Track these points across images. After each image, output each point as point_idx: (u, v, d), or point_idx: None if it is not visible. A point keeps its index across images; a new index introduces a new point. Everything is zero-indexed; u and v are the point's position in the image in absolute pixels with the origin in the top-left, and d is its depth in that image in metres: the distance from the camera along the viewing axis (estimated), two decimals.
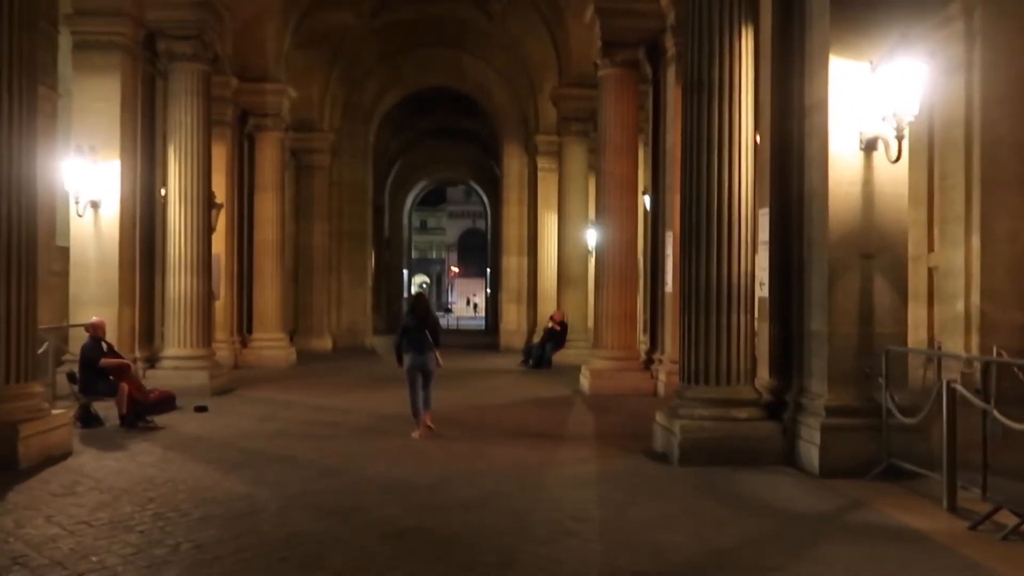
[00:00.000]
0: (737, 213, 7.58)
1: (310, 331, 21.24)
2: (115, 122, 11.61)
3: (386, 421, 9.75)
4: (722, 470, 6.98)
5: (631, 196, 12.89)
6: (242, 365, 16.62)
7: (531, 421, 10.09)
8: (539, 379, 15.00)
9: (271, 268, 17.45)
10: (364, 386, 13.49)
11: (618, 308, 12.70)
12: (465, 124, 29.99)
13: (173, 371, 11.96)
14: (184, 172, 12.22)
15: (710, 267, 7.57)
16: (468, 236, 63.34)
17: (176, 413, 10.20)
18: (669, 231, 12.38)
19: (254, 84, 16.91)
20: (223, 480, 6.62)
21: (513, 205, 22.41)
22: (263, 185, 17.43)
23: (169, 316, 12.27)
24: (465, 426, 9.57)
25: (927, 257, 12.13)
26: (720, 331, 7.51)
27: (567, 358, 17.40)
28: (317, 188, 21.59)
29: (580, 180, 18.19)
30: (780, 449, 7.33)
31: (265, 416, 10.17)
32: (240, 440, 8.43)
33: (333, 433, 8.93)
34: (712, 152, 7.56)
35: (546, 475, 7.03)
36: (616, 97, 12.79)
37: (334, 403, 11.40)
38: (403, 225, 39.76)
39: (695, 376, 7.61)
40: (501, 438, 8.72)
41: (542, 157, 21.13)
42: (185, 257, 12.19)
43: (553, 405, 11.53)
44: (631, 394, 12.27)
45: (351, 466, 7.19)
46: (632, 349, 12.85)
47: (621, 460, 7.60)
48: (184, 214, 12.21)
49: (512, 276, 22.29)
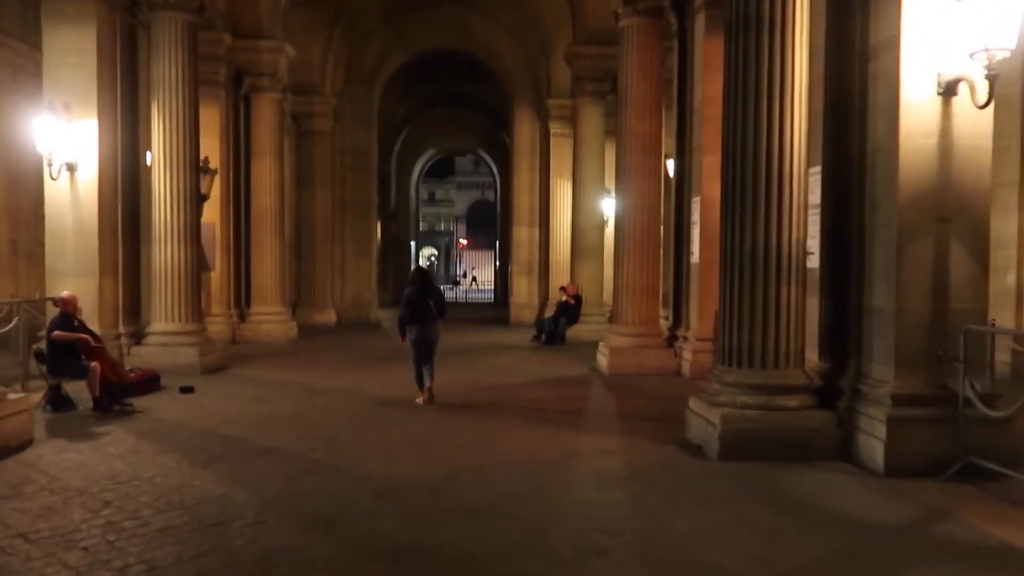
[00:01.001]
0: (789, 170, 6.56)
1: (312, 304, 20.37)
2: (91, 77, 10.62)
3: (386, 406, 8.86)
4: (769, 466, 6.06)
5: (655, 157, 11.83)
6: (240, 340, 15.79)
7: (546, 404, 9.17)
8: (553, 356, 14.08)
9: (269, 238, 16.51)
10: (366, 364, 12.61)
11: (639, 280, 11.72)
12: (473, 90, 28.83)
13: (160, 348, 11.09)
14: (169, 132, 11.22)
15: (756, 232, 6.57)
16: (477, 207, 62.20)
17: (159, 394, 9.39)
18: (696, 196, 11.36)
19: (248, 41, 15.85)
20: (196, 477, 5.74)
21: (524, 173, 21.36)
22: (260, 150, 16.42)
23: (155, 289, 11.35)
24: (473, 409, 8.67)
25: None
26: (767, 306, 6.53)
27: (581, 333, 16.50)
28: (319, 155, 20.57)
29: (596, 144, 17.10)
30: (834, 442, 6.38)
31: (256, 397, 9.31)
32: (224, 426, 7.56)
33: (327, 419, 8.04)
34: (760, 100, 6.52)
35: (567, 472, 6.12)
36: (639, 48, 11.68)
37: (332, 383, 10.52)
38: (410, 196, 38.70)
39: (736, 357, 6.65)
40: (514, 424, 7.80)
41: (554, 122, 20.07)
42: (171, 225, 11.25)
43: (569, 385, 10.62)
44: (653, 373, 11.35)
45: (344, 460, 6.30)
46: (654, 325, 11.89)
47: (652, 452, 6.68)
48: (170, 178, 11.23)
49: (523, 248, 21.30)
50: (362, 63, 21.63)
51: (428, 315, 8.78)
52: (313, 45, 20.28)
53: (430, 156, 41.28)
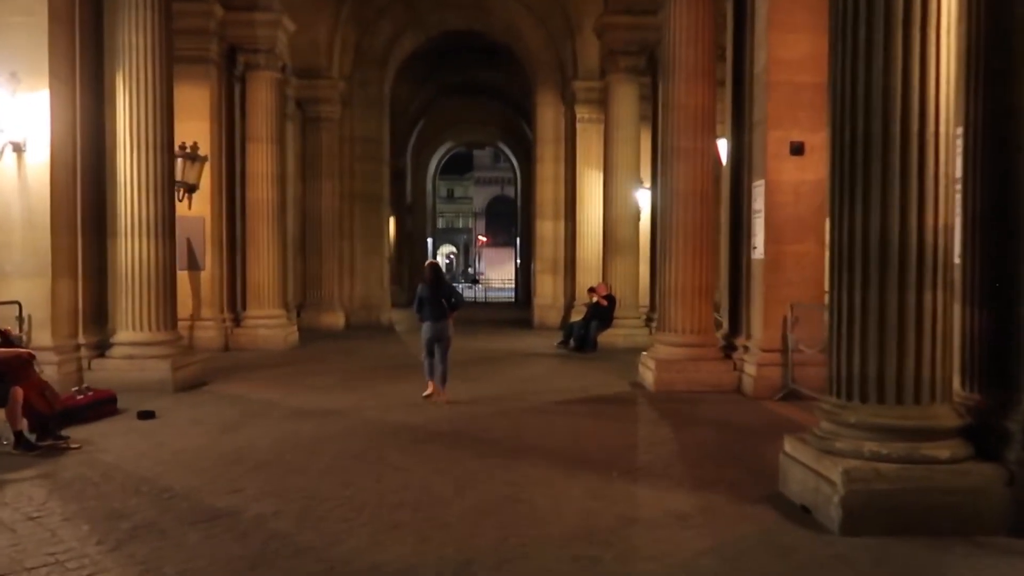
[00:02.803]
0: (932, 129, 4.72)
1: (319, 305, 18.73)
2: (42, 40, 8.96)
3: (387, 437, 7.11)
4: (919, 546, 4.25)
5: (707, 135, 10.00)
6: (234, 347, 14.15)
7: (586, 437, 7.37)
8: (585, 366, 12.29)
9: (267, 233, 14.84)
10: (370, 376, 10.90)
11: (690, 280, 9.90)
12: (492, 78, 27.18)
13: (126, 361, 9.42)
14: (137, 107, 9.53)
15: (887, 216, 4.72)
16: (496, 203, 60.49)
17: (112, 420, 7.74)
18: (759, 180, 9.52)
19: (242, 14, 14.21)
20: (97, 570, 4.00)
21: (548, 163, 19.55)
22: (256, 135, 14.75)
23: (120, 292, 9.67)
24: (495, 445, 6.89)
25: None
26: (904, 317, 4.69)
27: (614, 339, 14.72)
28: (325, 143, 18.91)
29: (630, 127, 15.25)
30: (1005, 509, 4.54)
31: (229, 424, 7.60)
32: (172, 472, 5.84)
33: (307, 460, 6.28)
34: (893, 28, 4.69)
35: (633, 558, 4.30)
36: (688, 6, 9.85)
37: (327, 403, 8.79)
38: (427, 191, 37.01)
39: (859, 388, 4.81)
40: (549, 470, 6.00)
41: (581, 106, 18.27)
42: (139, 216, 9.57)
43: (611, 408, 8.82)
44: (708, 391, 9.54)
45: (315, 535, 4.52)
46: (708, 333, 10.05)
47: (741, 518, 4.87)
48: (137, 161, 9.55)
49: (547, 243, 19.50)
50: (372, 45, 19.93)
51: (440, 312, 8.77)
52: (319, 24, 18.64)
53: (447, 149, 39.58)
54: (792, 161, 9.34)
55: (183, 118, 13.77)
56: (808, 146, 9.29)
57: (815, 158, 9.32)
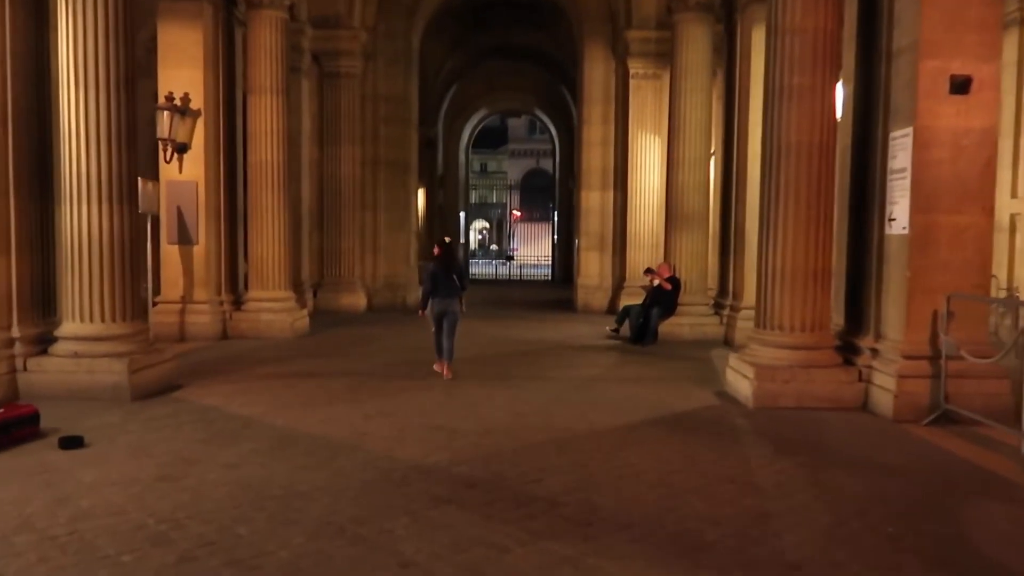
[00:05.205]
0: None
1: (338, 285, 16.65)
2: None
3: (393, 488, 4.87)
4: None
5: (830, 67, 7.53)
6: (233, 335, 12.13)
7: (686, 493, 4.96)
8: (650, 366, 9.98)
9: (272, 201, 12.68)
10: (386, 378, 8.69)
11: (801, 260, 7.51)
12: (531, 40, 24.82)
13: (70, 361, 7.34)
14: (83, 32, 7.37)
15: None
16: (531, 176, 57.91)
17: (24, 448, 5.66)
18: (903, 128, 7.07)
19: None
20: None
21: (595, 125, 17.10)
22: (258, 86, 12.54)
23: (65, 272, 7.58)
24: (552, 511, 4.58)
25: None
26: None
27: (678, 329, 12.44)
28: (345, 102, 16.69)
29: (701, 77, 12.76)
30: None
31: (179, 459, 5.44)
32: (50, 558, 3.71)
33: (268, 542, 4.03)
34: None
35: None
36: None
37: (321, 425, 6.59)
38: (459, 162, 34.65)
39: None
40: (645, 570, 3.75)
41: (635, 60, 15.82)
42: (87, 174, 7.43)
43: (705, 438, 6.40)
44: (824, 407, 7.21)
45: None
46: (824, 330, 7.66)
47: None
48: (84, 102, 7.38)
49: (593, 217, 17.11)
50: None
51: (451, 290, 8.78)
52: None
53: (481, 118, 37.11)
54: (952, 103, 6.88)
55: (171, 65, 11.72)
56: (976, 82, 6.83)
57: (985, 98, 6.87)
